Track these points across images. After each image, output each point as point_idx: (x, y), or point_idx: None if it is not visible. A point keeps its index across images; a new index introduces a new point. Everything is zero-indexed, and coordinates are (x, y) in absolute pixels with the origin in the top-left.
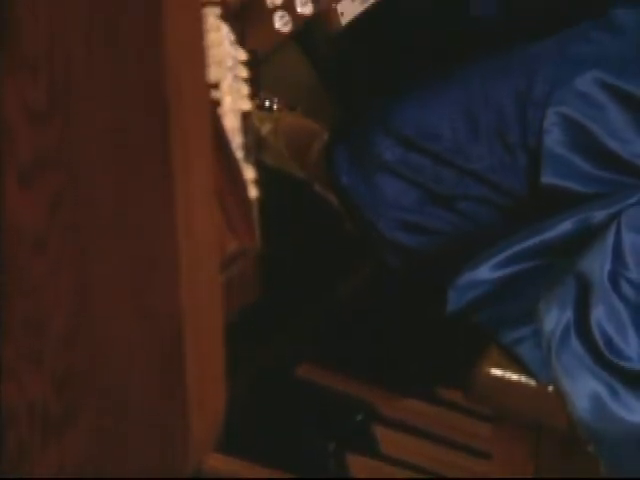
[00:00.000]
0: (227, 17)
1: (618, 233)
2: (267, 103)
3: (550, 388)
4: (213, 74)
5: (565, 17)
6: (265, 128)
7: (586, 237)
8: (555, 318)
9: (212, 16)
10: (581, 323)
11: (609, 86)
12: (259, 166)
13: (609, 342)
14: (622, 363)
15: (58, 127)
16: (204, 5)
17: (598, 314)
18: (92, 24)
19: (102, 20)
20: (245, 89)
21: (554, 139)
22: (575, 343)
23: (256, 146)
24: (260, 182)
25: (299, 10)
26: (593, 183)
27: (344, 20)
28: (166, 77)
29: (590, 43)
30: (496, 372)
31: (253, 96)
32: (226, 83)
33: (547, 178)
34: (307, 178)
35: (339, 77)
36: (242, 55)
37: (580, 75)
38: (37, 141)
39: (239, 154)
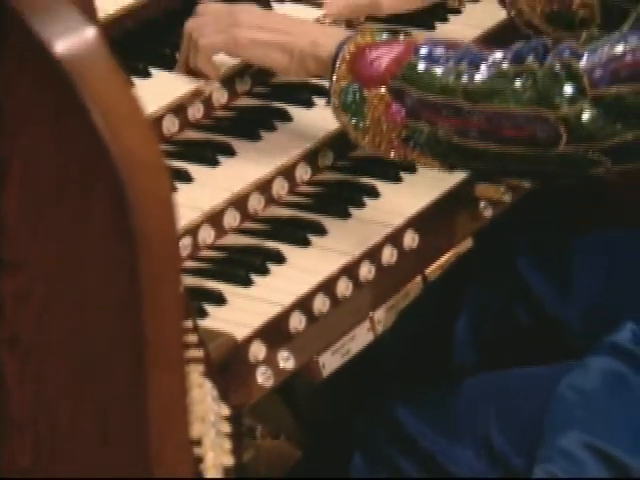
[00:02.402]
0: (210, 373)
1: None
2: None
3: None
4: (196, 430)
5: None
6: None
7: None
8: None
9: (195, 373)
10: None
11: (591, 447)
12: None
13: None
14: None
15: None
16: (188, 362)
17: None
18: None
19: (86, 370)
20: (228, 444)
21: None
22: None
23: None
24: None
25: (281, 365)
26: None
27: (325, 372)
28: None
29: (571, 403)
30: None
31: (235, 451)
32: (209, 439)
33: None
34: None
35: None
36: (225, 410)
37: (564, 434)
38: None
39: None
